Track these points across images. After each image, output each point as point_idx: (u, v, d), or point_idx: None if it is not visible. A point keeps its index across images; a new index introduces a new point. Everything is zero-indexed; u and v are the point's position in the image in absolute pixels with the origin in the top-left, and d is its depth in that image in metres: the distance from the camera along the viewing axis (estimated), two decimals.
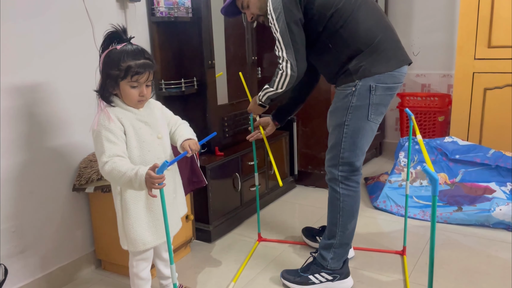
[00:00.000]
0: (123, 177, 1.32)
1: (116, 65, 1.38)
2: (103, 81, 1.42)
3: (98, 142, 1.38)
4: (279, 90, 1.75)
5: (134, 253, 1.56)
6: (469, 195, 2.47)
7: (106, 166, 1.35)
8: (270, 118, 2.09)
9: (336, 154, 1.74)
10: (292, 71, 1.68)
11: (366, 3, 1.68)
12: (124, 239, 1.53)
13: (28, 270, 1.84)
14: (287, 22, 1.64)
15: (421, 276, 1.90)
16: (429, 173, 0.97)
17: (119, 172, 1.32)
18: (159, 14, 2.23)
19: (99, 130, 1.39)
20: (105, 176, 1.38)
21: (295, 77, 1.69)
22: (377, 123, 1.73)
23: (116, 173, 1.33)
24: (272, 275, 1.97)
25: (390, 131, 3.96)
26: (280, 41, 1.66)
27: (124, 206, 1.47)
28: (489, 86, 2.88)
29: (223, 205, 2.39)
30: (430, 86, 3.69)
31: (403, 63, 1.70)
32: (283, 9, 1.63)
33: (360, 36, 1.64)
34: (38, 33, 1.78)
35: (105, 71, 1.41)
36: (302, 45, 1.68)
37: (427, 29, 3.61)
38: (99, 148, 1.38)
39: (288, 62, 1.67)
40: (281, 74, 1.70)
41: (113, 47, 1.41)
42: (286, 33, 1.65)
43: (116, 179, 1.35)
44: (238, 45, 2.56)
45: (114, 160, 1.35)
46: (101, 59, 1.42)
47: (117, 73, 1.38)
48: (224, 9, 1.87)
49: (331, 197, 1.82)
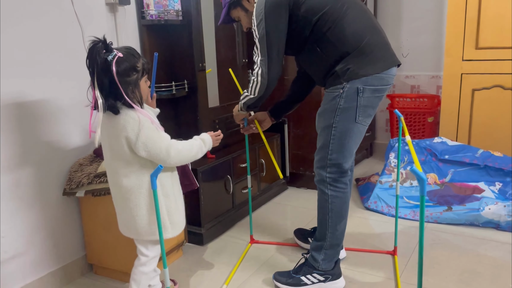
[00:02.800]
0: (193, 149, 1.55)
1: (133, 68, 1.42)
2: (124, 88, 1.39)
3: (151, 139, 1.43)
4: (252, 95, 1.79)
5: (155, 246, 1.62)
6: (458, 195, 2.49)
7: (172, 152, 1.47)
8: (267, 113, 2.10)
9: (324, 156, 1.76)
10: (263, 78, 1.72)
11: (354, 6, 1.69)
12: (164, 229, 1.54)
13: (19, 276, 1.82)
14: (267, 30, 1.66)
15: (412, 276, 1.91)
16: (417, 174, 0.98)
17: (186, 149, 1.53)
18: (149, 18, 2.23)
19: (144, 127, 1.42)
20: (175, 161, 1.50)
21: (265, 84, 1.73)
22: (366, 125, 1.75)
23: (185, 151, 1.52)
24: (264, 277, 1.97)
25: (381, 132, 3.99)
26: (258, 47, 1.70)
27: (165, 194, 1.55)
28: (477, 87, 2.92)
29: (215, 207, 2.39)
30: (419, 87, 3.72)
31: (391, 65, 1.72)
32: (265, 17, 1.66)
33: (347, 39, 1.65)
34: (26, 37, 1.78)
35: (123, 79, 1.40)
36: (277, 54, 1.71)
37: (415, 31, 3.65)
38: (155, 143, 1.44)
39: (261, 69, 1.71)
40: (253, 80, 1.75)
41: (103, 56, 1.37)
42: (263, 41, 1.68)
43: (186, 155, 1.53)
44: (229, 47, 2.57)
45: (171, 143, 1.48)
46: (113, 69, 1.36)
47: (136, 76, 1.43)
48: (220, 22, 1.93)
49: (320, 199, 1.83)
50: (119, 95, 1.39)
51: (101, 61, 1.36)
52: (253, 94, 1.79)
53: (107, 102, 1.39)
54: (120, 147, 1.45)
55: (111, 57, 1.37)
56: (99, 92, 1.38)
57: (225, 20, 1.92)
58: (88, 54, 1.38)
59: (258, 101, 1.82)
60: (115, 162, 1.50)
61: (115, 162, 1.50)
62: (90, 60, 1.38)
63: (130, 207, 1.52)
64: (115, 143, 1.46)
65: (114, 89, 1.38)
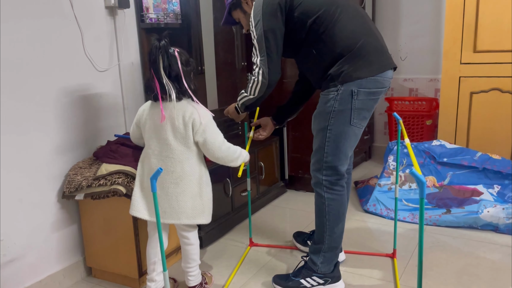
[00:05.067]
0: (236, 153, 1.73)
1: (190, 62, 1.67)
2: (193, 77, 1.67)
3: (212, 127, 1.67)
4: (251, 96, 1.79)
5: (194, 229, 1.81)
6: (457, 197, 2.50)
7: (224, 146, 1.69)
8: (270, 118, 2.11)
9: (320, 158, 1.76)
10: (263, 78, 1.71)
11: (348, 9, 1.70)
12: (203, 215, 1.73)
13: (18, 279, 1.82)
14: (265, 30, 1.67)
15: (412, 279, 1.92)
16: (416, 176, 0.99)
17: (233, 150, 1.72)
18: (148, 21, 2.23)
19: (209, 116, 1.68)
20: (222, 155, 1.68)
21: (266, 85, 1.73)
22: (361, 127, 1.75)
23: (233, 148, 1.73)
24: (263, 280, 1.97)
25: (379, 135, 4.00)
26: (256, 47, 1.71)
27: (207, 184, 1.74)
28: (475, 90, 2.93)
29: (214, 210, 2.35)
30: (417, 90, 3.74)
31: (386, 67, 1.72)
32: (262, 17, 1.67)
33: (342, 41, 1.66)
34: (26, 40, 1.78)
35: (190, 69, 1.66)
36: (276, 54, 1.71)
37: (413, 35, 3.66)
38: (216, 132, 1.68)
39: (261, 69, 1.71)
40: (254, 80, 1.75)
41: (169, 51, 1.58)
42: (262, 41, 1.68)
43: (231, 154, 1.72)
44: (228, 50, 2.57)
45: (224, 139, 1.71)
46: (177, 60, 1.59)
47: (191, 68, 1.67)
48: (223, 22, 1.94)
49: (317, 202, 1.83)
50: (179, 81, 1.61)
51: (171, 54, 1.58)
52: (252, 95, 1.79)
53: (176, 90, 1.60)
54: (186, 131, 1.63)
55: (173, 50, 1.60)
56: (168, 79, 1.59)
57: (227, 21, 1.93)
58: (157, 48, 1.56)
59: (257, 102, 1.82)
60: (172, 149, 1.65)
61: (174, 149, 1.65)
62: (160, 54, 1.56)
63: (177, 192, 1.66)
64: (178, 129, 1.63)
65: (176, 75, 1.61)
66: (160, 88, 1.59)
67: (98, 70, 2.10)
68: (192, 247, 1.79)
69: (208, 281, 1.93)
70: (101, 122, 2.14)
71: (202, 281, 1.85)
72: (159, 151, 1.67)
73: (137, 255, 1.89)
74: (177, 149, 1.65)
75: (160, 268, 1.76)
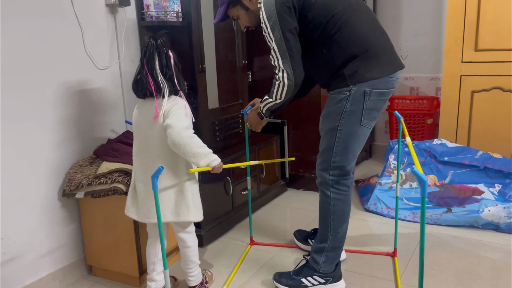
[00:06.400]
0: (201, 148, 1.60)
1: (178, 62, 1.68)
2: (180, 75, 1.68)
3: (178, 112, 1.59)
4: (278, 100, 1.73)
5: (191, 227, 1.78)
6: (458, 196, 2.50)
7: (186, 132, 1.57)
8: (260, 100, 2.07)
9: (328, 158, 1.75)
10: (289, 81, 1.67)
11: (360, 9, 1.69)
12: (188, 212, 1.68)
13: (18, 277, 1.82)
14: (282, 30, 1.63)
15: (412, 277, 1.91)
16: (417, 175, 0.98)
17: (196, 142, 1.59)
18: (149, 19, 2.23)
19: (182, 107, 1.62)
20: (183, 141, 1.55)
21: (292, 86, 1.68)
22: (370, 127, 1.74)
23: (194, 143, 1.58)
24: (264, 278, 1.97)
25: (380, 134, 3.99)
26: (276, 50, 1.65)
27: (191, 179, 1.70)
28: (476, 88, 2.93)
29: (214, 209, 2.38)
30: (418, 89, 3.73)
31: (396, 68, 1.72)
32: (278, 18, 1.62)
33: (355, 42, 1.65)
34: (27, 38, 1.77)
35: (180, 69, 1.68)
36: (298, 54, 1.67)
37: (415, 33, 3.66)
38: (180, 117, 1.59)
39: (285, 71, 1.66)
40: (279, 84, 1.69)
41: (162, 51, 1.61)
42: (282, 42, 1.63)
43: (193, 145, 1.57)
44: (229, 49, 2.57)
45: (190, 129, 1.61)
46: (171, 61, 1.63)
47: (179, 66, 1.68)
48: (217, 20, 1.87)
49: (322, 201, 1.82)
50: (172, 81, 1.62)
51: (167, 54, 1.61)
52: (279, 99, 1.72)
53: (169, 87, 1.61)
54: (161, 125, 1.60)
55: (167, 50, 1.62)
56: (163, 78, 1.60)
57: (222, 18, 1.87)
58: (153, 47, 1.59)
59: (283, 105, 1.77)
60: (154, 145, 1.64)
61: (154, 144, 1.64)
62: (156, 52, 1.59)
63: (159, 188, 1.59)
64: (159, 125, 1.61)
65: (171, 75, 1.63)
66: (155, 86, 1.60)
67: (99, 68, 2.09)
68: (189, 249, 1.77)
69: (209, 280, 1.92)
70: (101, 120, 2.14)
71: (203, 280, 1.85)
72: (144, 147, 1.68)
73: (137, 253, 1.89)
74: (157, 145, 1.64)
75: (160, 268, 1.76)
